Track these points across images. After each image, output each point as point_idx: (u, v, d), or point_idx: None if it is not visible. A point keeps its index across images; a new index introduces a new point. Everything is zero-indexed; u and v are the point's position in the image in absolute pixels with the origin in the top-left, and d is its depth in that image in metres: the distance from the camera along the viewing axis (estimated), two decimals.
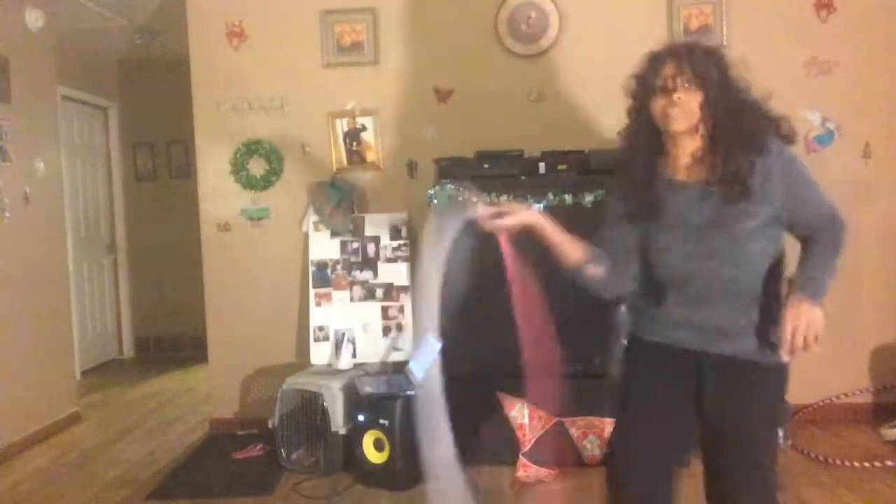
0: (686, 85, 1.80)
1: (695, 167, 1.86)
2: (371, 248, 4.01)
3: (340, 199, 3.99)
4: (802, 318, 1.69)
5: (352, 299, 3.99)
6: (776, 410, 2.08)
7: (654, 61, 1.85)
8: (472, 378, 3.45)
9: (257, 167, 4.19)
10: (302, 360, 4.06)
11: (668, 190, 1.86)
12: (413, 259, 3.96)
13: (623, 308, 1.99)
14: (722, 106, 1.80)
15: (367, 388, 3.50)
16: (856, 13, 3.94)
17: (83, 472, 3.75)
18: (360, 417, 3.41)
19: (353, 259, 4.02)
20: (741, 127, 1.79)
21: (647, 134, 1.88)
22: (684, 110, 1.80)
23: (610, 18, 4.04)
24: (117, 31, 5.54)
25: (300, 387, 3.65)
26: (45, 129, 4.54)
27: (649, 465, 1.91)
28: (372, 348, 3.94)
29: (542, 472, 3.35)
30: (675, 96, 1.80)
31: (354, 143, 4.16)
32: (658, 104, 1.82)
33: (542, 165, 3.63)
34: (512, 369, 2.14)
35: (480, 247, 1.98)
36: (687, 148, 1.86)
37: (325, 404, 3.52)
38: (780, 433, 2.18)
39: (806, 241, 1.85)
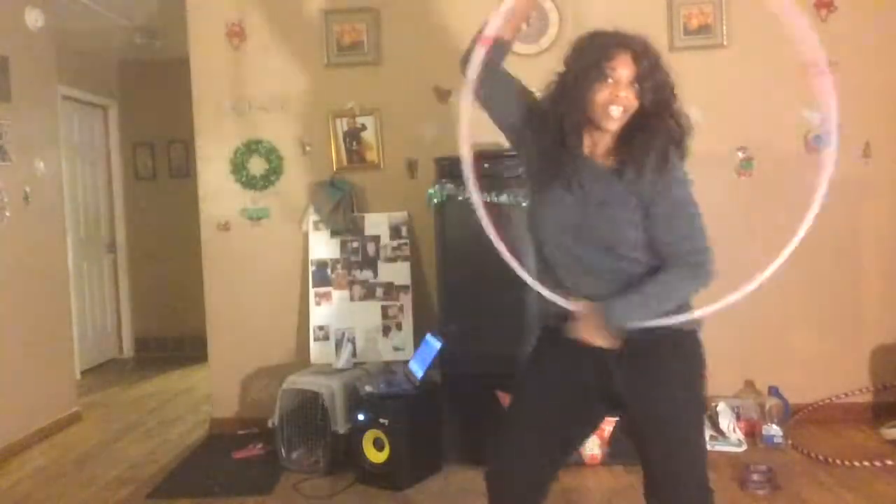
0: (635, 87, 1.74)
1: (596, 151, 1.83)
2: (371, 248, 4.01)
3: (340, 199, 3.99)
4: (584, 324, 1.74)
5: (352, 298, 4.00)
6: (691, 380, 1.85)
7: (607, 47, 1.81)
8: (472, 377, 3.46)
9: (257, 167, 4.19)
10: (302, 360, 4.06)
11: (575, 159, 1.80)
12: (413, 258, 3.98)
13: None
14: (651, 124, 1.75)
15: (367, 387, 3.50)
16: (856, 12, 3.94)
17: (83, 471, 3.75)
18: (360, 417, 3.41)
19: (353, 258, 4.02)
20: (653, 145, 1.74)
21: (570, 108, 1.79)
22: (627, 112, 1.75)
23: (610, 18, 3.96)
24: (117, 31, 5.54)
25: (300, 386, 3.65)
26: (45, 128, 4.54)
27: (530, 465, 1.88)
28: (372, 348, 3.95)
29: None
30: (623, 95, 1.74)
31: (354, 143, 4.16)
32: (603, 94, 1.74)
33: None
34: (511, 368, 2.14)
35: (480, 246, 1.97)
36: (595, 139, 1.82)
37: (325, 404, 3.53)
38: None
39: (662, 265, 1.76)
